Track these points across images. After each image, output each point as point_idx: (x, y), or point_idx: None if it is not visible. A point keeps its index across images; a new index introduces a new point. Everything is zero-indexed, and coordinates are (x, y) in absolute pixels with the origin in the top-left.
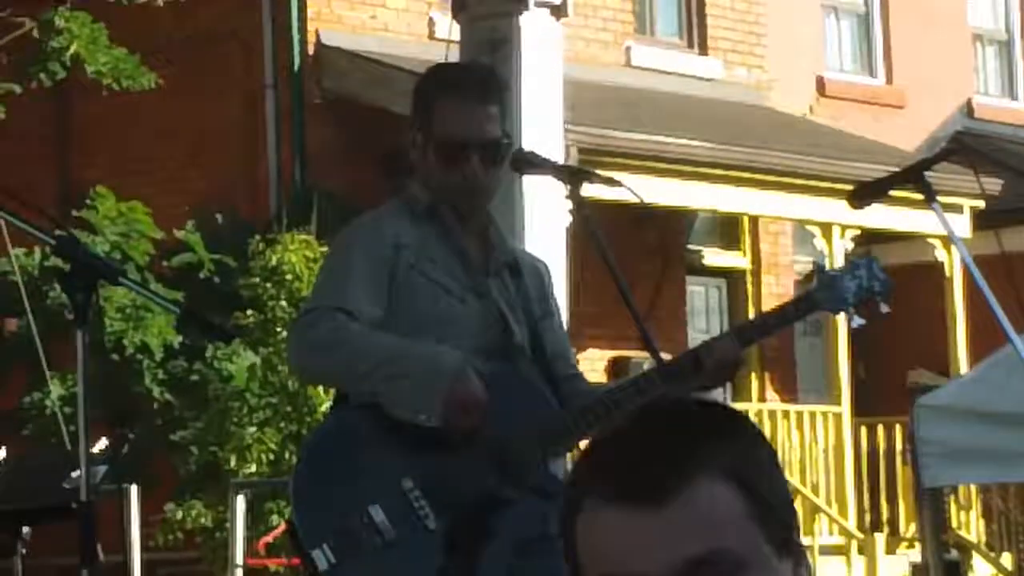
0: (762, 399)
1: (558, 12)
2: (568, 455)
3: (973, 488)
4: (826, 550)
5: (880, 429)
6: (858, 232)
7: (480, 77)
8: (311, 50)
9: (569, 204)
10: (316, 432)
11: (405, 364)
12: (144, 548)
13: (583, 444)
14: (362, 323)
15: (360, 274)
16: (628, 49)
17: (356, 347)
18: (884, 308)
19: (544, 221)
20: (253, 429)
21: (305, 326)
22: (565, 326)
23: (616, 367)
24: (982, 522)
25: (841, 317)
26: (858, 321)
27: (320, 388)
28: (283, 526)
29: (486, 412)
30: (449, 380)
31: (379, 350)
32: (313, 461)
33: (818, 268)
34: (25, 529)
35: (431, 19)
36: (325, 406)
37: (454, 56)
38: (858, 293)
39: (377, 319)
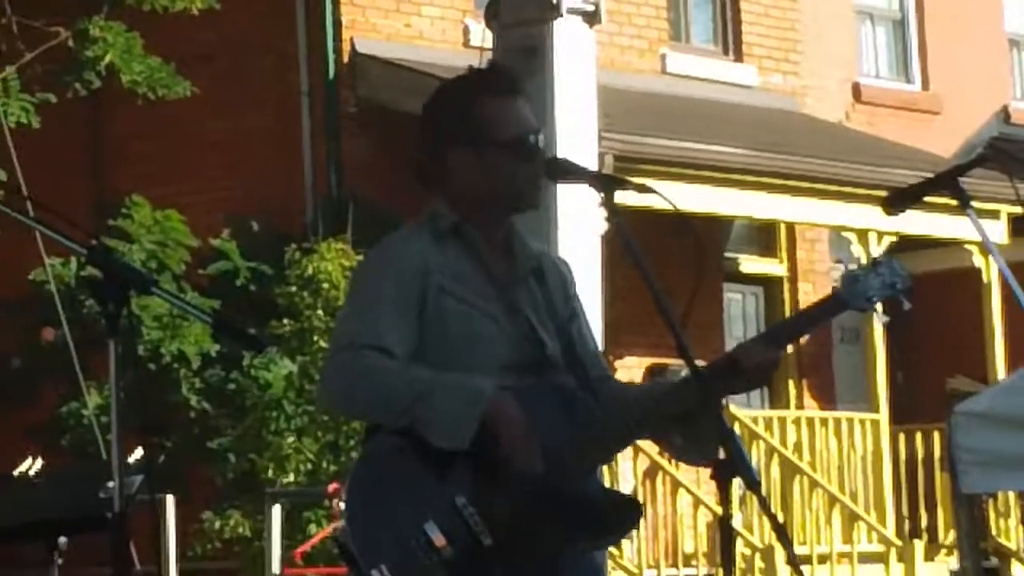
0: (800, 406)
1: (591, 19)
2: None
3: (1012, 495)
4: (865, 558)
5: (918, 436)
6: (895, 238)
7: (507, 73)
8: (346, 59)
9: (604, 212)
10: (361, 456)
11: (440, 395)
12: (182, 558)
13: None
14: (395, 356)
15: (389, 305)
16: (663, 56)
17: (391, 386)
18: (906, 305)
19: (579, 229)
20: (291, 438)
21: (338, 366)
22: (601, 333)
23: (654, 374)
24: (1021, 529)
25: (876, 319)
26: (883, 318)
27: None
28: (321, 535)
29: (525, 428)
30: (483, 405)
31: (415, 387)
32: (363, 484)
33: (844, 269)
34: (61, 539)
35: (466, 27)
36: None
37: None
38: (881, 290)
39: (409, 349)
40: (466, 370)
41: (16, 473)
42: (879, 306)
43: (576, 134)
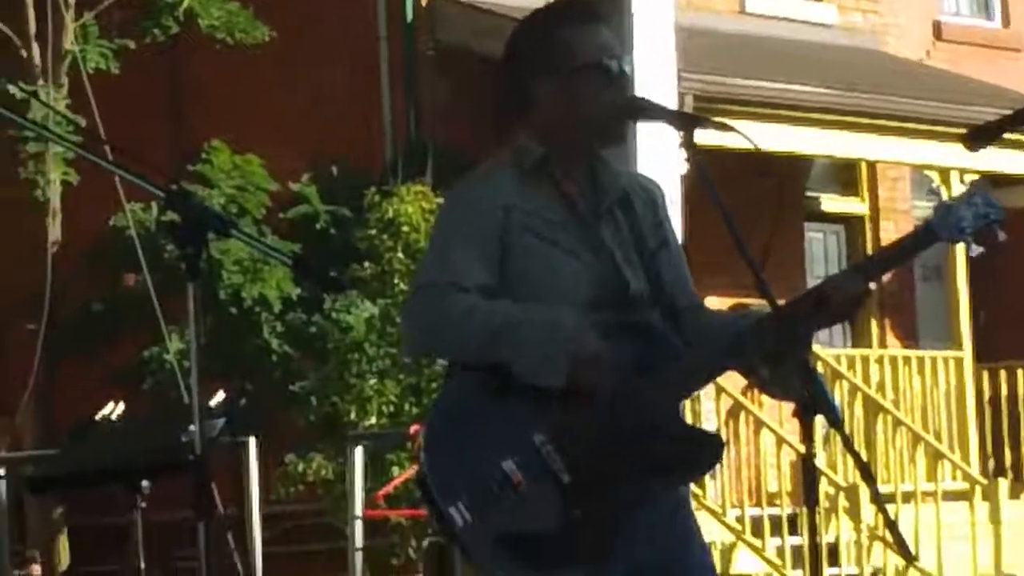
0: (883, 344)
1: None
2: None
3: None
4: (949, 496)
5: (1002, 374)
6: (977, 176)
7: (588, 1)
8: (424, 1)
9: (683, 151)
10: (441, 393)
11: (523, 333)
12: (265, 501)
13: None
14: (475, 295)
15: (468, 243)
16: None
17: (472, 323)
18: (1001, 236)
19: (658, 169)
20: (373, 381)
21: (419, 306)
22: None
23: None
24: None
25: (969, 251)
26: (976, 250)
27: None
28: (403, 477)
29: (610, 366)
30: (568, 341)
31: (496, 323)
32: (442, 420)
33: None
34: (144, 483)
35: None
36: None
37: None
38: (975, 221)
39: (490, 288)
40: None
41: (98, 417)
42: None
43: (655, 74)
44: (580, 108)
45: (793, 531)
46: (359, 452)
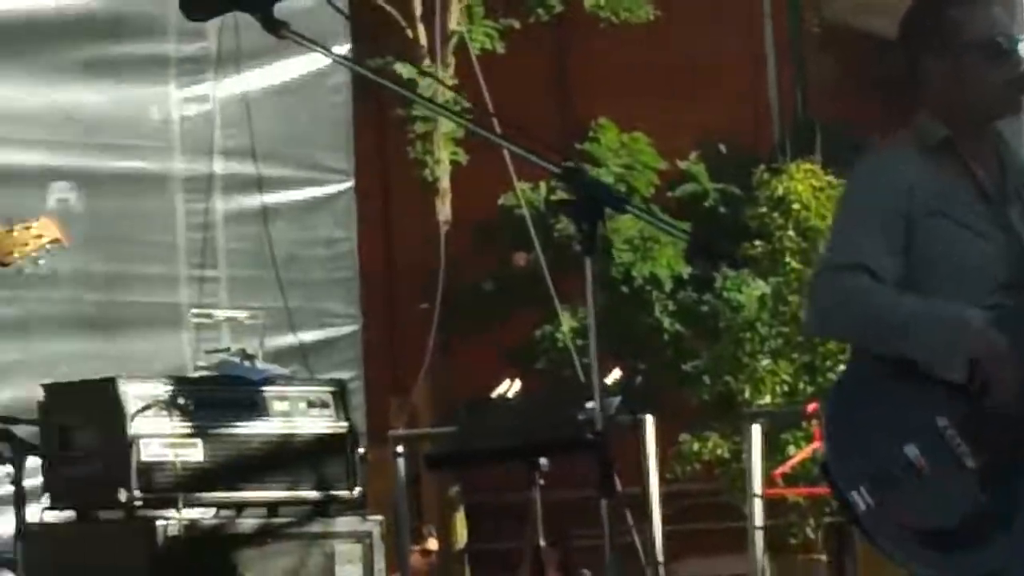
0: None
1: None
2: None
3: None
4: None
5: None
6: None
7: None
8: None
9: None
10: (841, 376)
11: (925, 329)
12: (660, 480)
13: None
14: (882, 278)
15: (874, 224)
16: None
17: (869, 313)
18: None
19: None
20: (766, 361)
21: (819, 288)
22: None
23: None
24: None
25: None
26: None
27: None
28: (801, 456)
29: (1012, 364)
30: (970, 341)
31: (897, 315)
32: (841, 405)
33: None
34: (543, 461)
35: None
36: None
37: None
38: None
39: (894, 268)
40: (957, 291)
41: (494, 395)
42: None
43: None
44: (968, 87)
45: None
46: (756, 430)
